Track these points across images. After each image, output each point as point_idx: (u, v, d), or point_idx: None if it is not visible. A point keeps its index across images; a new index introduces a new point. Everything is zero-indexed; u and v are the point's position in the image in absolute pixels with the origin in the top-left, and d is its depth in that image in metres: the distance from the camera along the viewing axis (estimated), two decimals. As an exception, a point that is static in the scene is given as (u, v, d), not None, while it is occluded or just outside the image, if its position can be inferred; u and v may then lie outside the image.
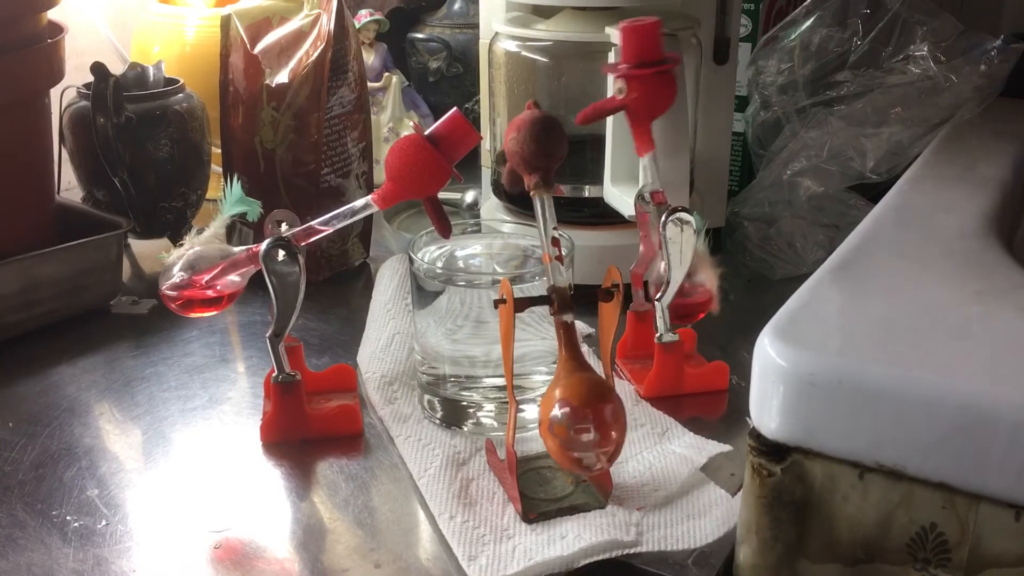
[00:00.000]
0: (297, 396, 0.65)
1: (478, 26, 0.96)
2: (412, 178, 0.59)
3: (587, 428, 0.52)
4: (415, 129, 0.60)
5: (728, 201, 0.94)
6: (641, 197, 0.71)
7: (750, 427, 0.50)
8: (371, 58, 1.13)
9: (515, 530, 0.56)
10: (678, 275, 0.68)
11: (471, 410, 0.67)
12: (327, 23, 0.83)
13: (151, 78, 0.93)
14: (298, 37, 0.85)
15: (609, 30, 0.77)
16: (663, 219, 0.67)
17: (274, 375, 0.64)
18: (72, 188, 0.94)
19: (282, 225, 0.65)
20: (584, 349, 0.75)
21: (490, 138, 0.93)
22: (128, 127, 0.86)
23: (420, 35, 1.22)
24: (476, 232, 0.73)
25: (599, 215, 0.81)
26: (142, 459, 0.64)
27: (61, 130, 0.89)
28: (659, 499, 0.59)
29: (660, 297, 0.68)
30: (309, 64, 0.83)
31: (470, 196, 1.04)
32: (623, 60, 0.66)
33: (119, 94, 0.86)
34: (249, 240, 0.85)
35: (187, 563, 0.55)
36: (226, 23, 0.87)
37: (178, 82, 0.92)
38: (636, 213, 0.71)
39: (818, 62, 0.91)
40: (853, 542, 0.48)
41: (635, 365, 0.73)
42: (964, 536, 0.46)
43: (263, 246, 0.62)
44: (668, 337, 0.69)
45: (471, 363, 0.66)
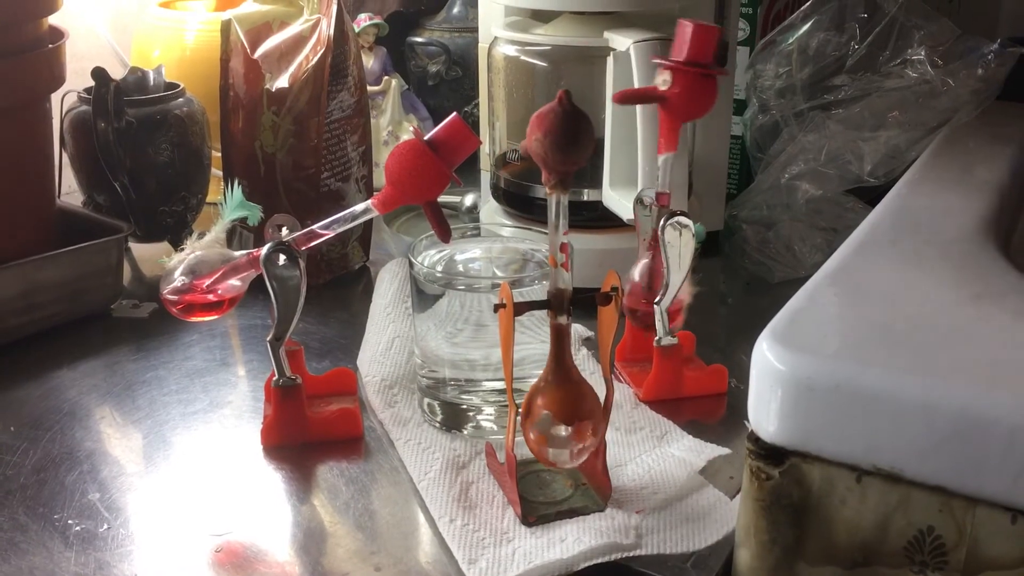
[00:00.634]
0: (298, 400, 0.65)
1: (477, 30, 0.97)
2: (412, 183, 0.59)
3: (563, 440, 0.56)
4: (414, 133, 0.60)
5: (726, 204, 0.94)
6: (640, 201, 0.71)
7: (748, 430, 0.50)
8: (370, 62, 1.13)
9: (515, 533, 0.57)
10: (677, 279, 0.68)
11: (471, 413, 0.67)
12: (327, 27, 0.83)
13: (151, 82, 0.93)
14: (298, 42, 0.85)
15: (608, 34, 0.77)
16: (662, 223, 0.67)
17: (275, 379, 0.64)
18: (73, 192, 0.94)
19: (282, 229, 0.65)
20: (584, 352, 0.76)
21: (489, 142, 0.93)
22: (129, 131, 0.87)
23: (419, 39, 1.22)
24: (476, 236, 0.73)
25: (598, 218, 0.82)
26: (143, 463, 0.65)
27: (62, 134, 0.89)
28: (658, 502, 0.59)
29: (659, 301, 0.69)
30: (309, 68, 0.83)
31: (469, 200, 1.04)
32: (674, 54, 0.66)
33: (120, 98, 0.86)
34: (250, 244, 0.85)
35: (188, 567, 0.55)
36: (226, 28, 0.88)
37: (178, 86, 0.92)
38: (635, 217, 0.72)
39: (816, 66, 0.92)
40: (851, 545, 0.49)
41: (634, 368, 0.73)
42: (961, 539, 0.46)
43: (264, 250, 0.62)
44: (667, 340, 0.69)
45: (471, 367, 0.66)
